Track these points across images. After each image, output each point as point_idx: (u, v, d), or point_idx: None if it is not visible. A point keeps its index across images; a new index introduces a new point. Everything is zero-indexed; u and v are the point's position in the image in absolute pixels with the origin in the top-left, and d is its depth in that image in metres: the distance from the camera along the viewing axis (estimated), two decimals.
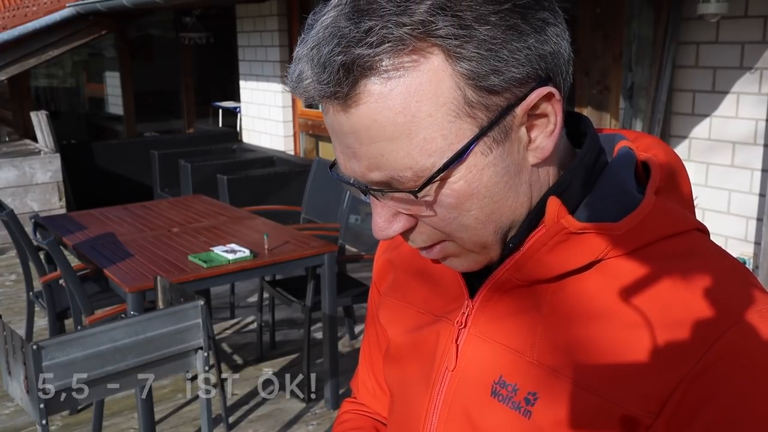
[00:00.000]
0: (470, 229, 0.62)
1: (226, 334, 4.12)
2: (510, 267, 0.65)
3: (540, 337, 0.63)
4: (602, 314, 0.61)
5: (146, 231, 3.42)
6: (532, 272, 0.64)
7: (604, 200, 0.64)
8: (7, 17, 6.95)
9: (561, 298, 0.63)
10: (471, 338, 0.69)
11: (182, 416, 3.23)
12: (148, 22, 9.78)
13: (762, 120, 3.51)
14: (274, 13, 6.37)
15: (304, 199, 4.28)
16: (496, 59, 0.56)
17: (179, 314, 2.20)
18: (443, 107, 0.57)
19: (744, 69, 3.55)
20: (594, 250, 0.62)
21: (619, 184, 0.65)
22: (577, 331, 0.61)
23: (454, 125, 0.57)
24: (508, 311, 0.66)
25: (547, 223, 0.62)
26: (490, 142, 0.59)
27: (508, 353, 0.65)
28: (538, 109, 0.60)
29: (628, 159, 0.67)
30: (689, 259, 0.62)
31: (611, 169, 0.66)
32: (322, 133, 6.36)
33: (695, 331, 0.57)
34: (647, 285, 0.60)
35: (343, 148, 0.61)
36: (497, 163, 0.60)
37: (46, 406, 1.94)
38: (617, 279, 0.61)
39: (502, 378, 0.65)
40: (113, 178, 6.92)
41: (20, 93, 7.98)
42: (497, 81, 0.57)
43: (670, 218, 0.63)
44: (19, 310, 4.44)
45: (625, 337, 0.59)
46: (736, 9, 3.49)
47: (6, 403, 3.35)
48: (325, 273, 3.10)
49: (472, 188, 0.60)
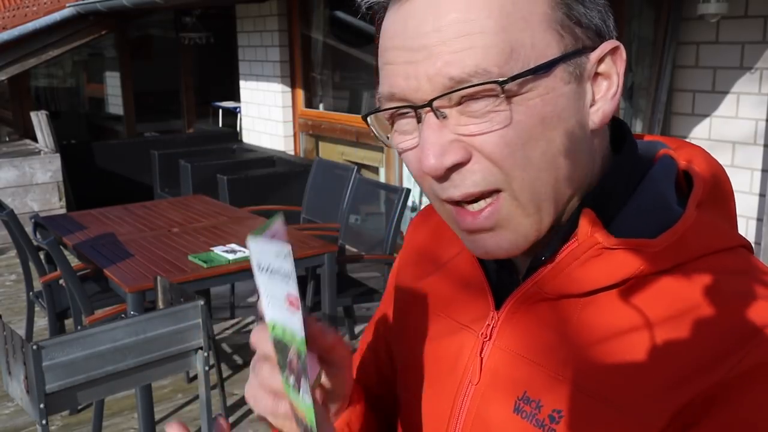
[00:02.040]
0: (533, 168, 0.58)
1: (226, 334, 4.12)
2: (540, 279, 0.63)
3: (567, 353, 0.61)
4: (633, 332, 0.58)
5: (146, 231, 3.42)
6: (562, 286, 0.62)
7: (641, 213, 0.61)
8: (7, 17, 6.95)
9: (591, 313, 0.60)
10: (495, 351, 0.66)
11: (182, 416, 3.23)
12: (148, 22, 9.78)
13: (762, 120, 3.51)
14: (274, 13, 6.37)
15: (304, 199, 4.28)
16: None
17: (179, 314, 2.20)
18: (537, 16, 0.56)
19: (744, 69, 3.55)
20: (628, 267, 0.59)
21: (659, 196, 0.62)
22: (606, 348, 0.59)
23: (544, 37, 0.57)
24: (536, 325, 0.63)
25: (580, 236, 0.60)
26: (570, 72, 0.58)
27: (533, 368, 0.63)
28: (603, 64, 0.60)
29: (669, 169, 0.64)
30: (733, 276, 0.58)
31: (651, 179, 0.63)
32: (322, 133, 6.36)
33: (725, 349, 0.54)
34: (683, 303, 0.57)
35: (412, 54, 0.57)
36: (572, 98, 0.58)
37: (46, 406, 1.94)
38: (652, 297, 0.58)
39: (526, 393, 0.62)
40: (113, 178, 6.91)
41: (20, 93, 7.98)
42: (583, 13, 0.58)
43: (712, 234, 0.60)
44: (19, 310, 4.44)
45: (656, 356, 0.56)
46: (736, 9, 3.49)
47: (6, 403, 3.35)
48: (325, 273, 3.10)
49: (547, 111, 0.57)
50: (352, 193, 3.87)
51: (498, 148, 0.57)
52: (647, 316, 0.58)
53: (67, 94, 10.85)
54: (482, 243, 0.62)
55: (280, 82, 6.50)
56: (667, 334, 0.56)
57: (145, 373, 2.16)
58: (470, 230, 0.61)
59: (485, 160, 0.58)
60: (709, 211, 0.62)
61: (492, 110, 0.56)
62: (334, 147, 6.33)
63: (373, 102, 5.83)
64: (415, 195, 5.26)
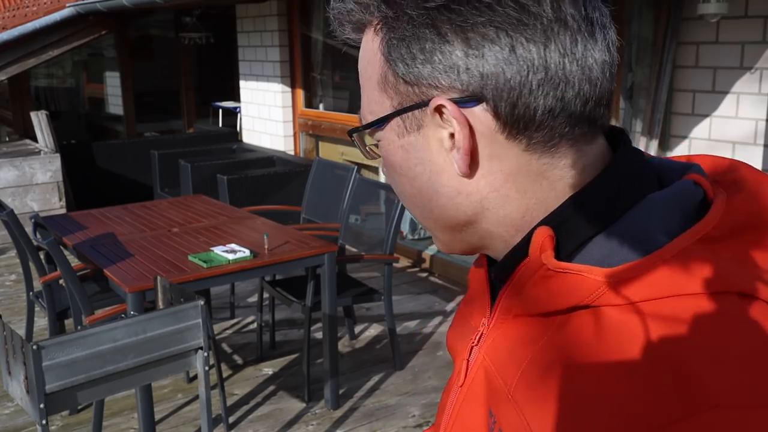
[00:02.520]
0: (404, 199, 0.66)
1: (226, 334, 4.12)
2: (507, 293, 0.62)
3: (521, 373, 0.57)
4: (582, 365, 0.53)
5: (146, 231, 3.42)
6: (525, 304, 0.60)
7: (612, 241, 0.56)
8: (7, 17, 6.95)
9: (558, 336, 0.56)
10: (479, 357, 0.65)
11: (182, 416, 3.23)
12: (148, 22, 9.78)
13: (762, 120, 3.51)
14: (274, 13, 6.37)
15: (304, 199, 4.28)
16: (407, 50, 0.58)
17: (179, 314, 2.20)
18: (375, 76, 0.62)
19: (744, 69, 3.55)
20: (577, 293, 0.54)
21: (642, 226, 0.55)
22: (553, 375, 0.54)
23: (380, 96, 0.62)
24: (512, 338, 0.62)
25: (530, 254, 0.58)
26: (402, 127, 0.61)
27: (498, 383, 0.61)
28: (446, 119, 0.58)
29: (682, 196, 0.57)
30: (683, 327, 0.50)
31: (645, 205, 0.56)
32: (322, 133, 6.36)
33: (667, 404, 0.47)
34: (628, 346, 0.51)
35: None
36: (410, 150, 0.62)
37: (46, 406, 1.95)
38: (603, 331, 0.53)
39: (490, 409, 0.61)
40: (113, 178, 6.92)
41: (20, 93, 7.98)
42: (404, 71, 0.59)
43: (695, 272, 0.52)
44: (19, 310, 4.44)
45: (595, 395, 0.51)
46: (736, 9, 3.49)
47: (6, 403, 3.35)
48: (325, 273, 3.10)
49: (391, 160, 0.64)
50: (352, 193, 3.87)
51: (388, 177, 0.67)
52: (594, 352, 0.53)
53: (67, 94, 10.85)
54: None
55: (280, 82, 6.50)
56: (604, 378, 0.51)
57: (145, 373, 2.16)
58: None
59: None
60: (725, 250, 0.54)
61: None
62: (334, 147, 6.33)
63: None
64: None
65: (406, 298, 4.59)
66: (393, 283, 3.82)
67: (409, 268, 5.19)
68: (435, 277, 5.01)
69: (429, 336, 4.03)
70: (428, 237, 5.37)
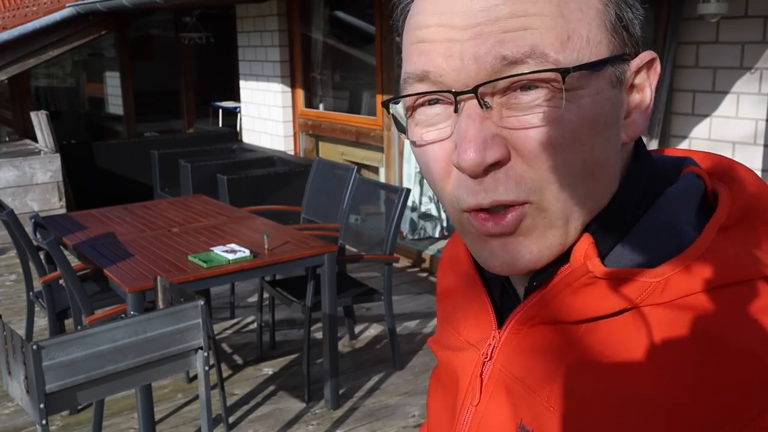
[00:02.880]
0: (571, 175, 0.53)
1: (226, 334, 4.12)
2: (534, 303, 0.59)
3: (560, 382, 0.56)
4: (628, 367, 0.53)
5: (146, 231, 3.42)
6: (556, 312, 0.57)
7: (646, 239, 0.55)
8: (7, 17, 6.95)
9: (590, 342, 0.55)
10: (495, 373, 0.62)
11: (182, 416, 3.23)
12: (148, 22, 9.78)
13: (762, 120, 3.51)
14: (274, 13, 6.38)
15: (304, 199, 4.28)
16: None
17: (179, 314, 2.20)
18: (592, 10, 0.53)
19: (744, 69, 3.55)
20: (622, 298, 0.54)
21: (670, 221, 0.56)
22: (598, 380, 0.54)
23: (598, 33, 0.53)
24: (533, 349, 0.59)
25: (572, 263, 0.55)
26: (616, 77, 0.54)
27: (528, 395, 0.58)
28: (639, 76, 0.56)
29: (692, 190, 0.58)
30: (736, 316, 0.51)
31: (666, 200, 0.57)
32: (322, 133, 6.36)
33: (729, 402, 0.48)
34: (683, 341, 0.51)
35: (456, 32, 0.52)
36: (614, 105, 0.54)
37: (46, 406, 1.95)
38: (652, 331, 0.53)
39: (522, 423, 0.58)
40: (113, 178, 6.92)
41: (20, 93, 7.98)
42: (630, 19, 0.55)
43: (725, 265, 0.53)
44: (19, 310, 4.44)
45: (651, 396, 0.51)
46: (736, 9, 3.49)
47: (6, 403, 3.35)
48: (325, 273, 3.10)
49: (595, 114, 0.52)
50: (352, 193, 3.87)
51: (540, 147, 0.52)
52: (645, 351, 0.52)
53: (67, 94, 10.85)
54: (500, 251, 0.56)
55: (280, 82, 6.50)
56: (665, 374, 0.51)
57: (145, 373, 2.16)
58: (490, 234, 0.55)
59: (521, 163, 0.53)
60: (739, 237, 0.55)
61: (541, 104, 0.51)
62: (334, 147, 6.33)
63: (372, 102, 5.83)
64: (415, 195, 5.27)
65: (406, 298, 4.59)
66: (393, 283, 3.82)
67: (409, 268, 5.19)
68: (435, 277, 5.01)
69: (429, 336, 4.02)
70: (428, 237, 5.37)
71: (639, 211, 0.57)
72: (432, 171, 0.57)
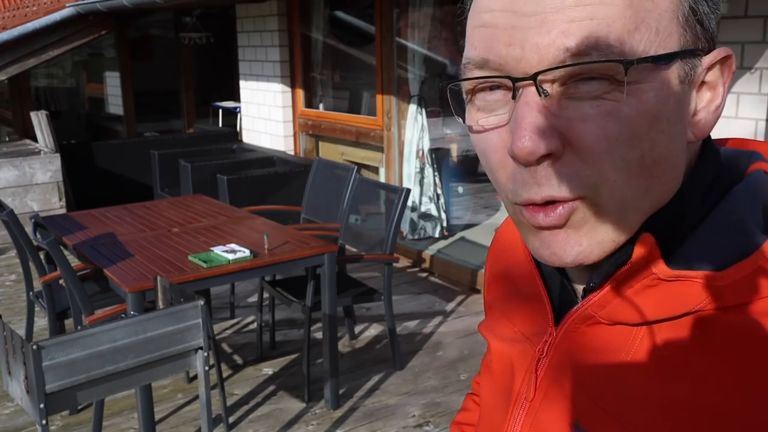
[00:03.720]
0: (627, 171, 0.51)
1: (226, 334, 4.12)
2: (594, 303, 0.58)
3: (618, 386, 0.55)
4: (692, 373, 0.52)
5: (146, 231, 3.42)
6: (616, 313, 0.56)
7: (712, 241, 0.54)
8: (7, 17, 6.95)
9: (650, 345, 0.54)
10: (550, 370, 0.62)
11: (182, 416, 3.23)
12: (148, 22, 9.79)
13: (762, 120, 3.51)
14: (274, 13, 6.38)
15: (304, 199, 4.28)
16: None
17: (179, 314, 2.20)
18: (666, 1, 0.51)
19: (744, 69, 3.55)
20: (688, 301, 0.52)
21: (737, 221, 0.53)
22: (660, 386, 0.53)
23: (669, 25, 0.51)
24: (591, 349, 0.58)
25: (634, 263, 0.54)
26: (685, 72, 0.53)
27: (584, 396, 0.58)
28: (712, 73, 0.54)
29: (760, 188, 0.55)
30: None
31: (733, 199, 0.55)
32: (322, 133, 6.36)
33: None
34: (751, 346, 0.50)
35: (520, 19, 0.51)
36: (681, 101, 0.53)
37: (46, 406, 1.95)
38: (717, 335, 0.51)
39: (578, 423, 0.58)
40: (113, 178, 6.92)
41: (20, 93, 7.98)
42: (705, 13, 0.53)
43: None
44: (19, 310, 4.44)
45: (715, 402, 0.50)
46: (736, 9, 3.49)
47: (6, 403, 3.35)
48: (325, 273, 3.10)
49: (658, 109, 0.51)
50: (352, 193, 3.87)
51: (597, 141, 0.50)
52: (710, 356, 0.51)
53: (67, 94, 10.85)
54: (550, 242, 0.55)
55: (280, 82, 6.50)
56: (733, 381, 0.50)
57: (145, 373, 2.16)
58: (540, 226, 0.54)
59: (576, 159, 0.51)
60: None
61: (601, 96, 0.50)
62: (334, 147, 6.33)
63: (372, 102, 5.83)
64: (415, 195, 5.27)
65: (406, 298, 4.59)
66: (393, 283, 3.82)
67: (409, 268, 5.19)
68: (435, 277, 5.01)
69: (429, 336, 4.03)
70: (428, 237, 5.37)
71: (704, 210, 0.55)
72: (489, 160, 0.55)
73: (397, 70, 5.42)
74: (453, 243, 5.31)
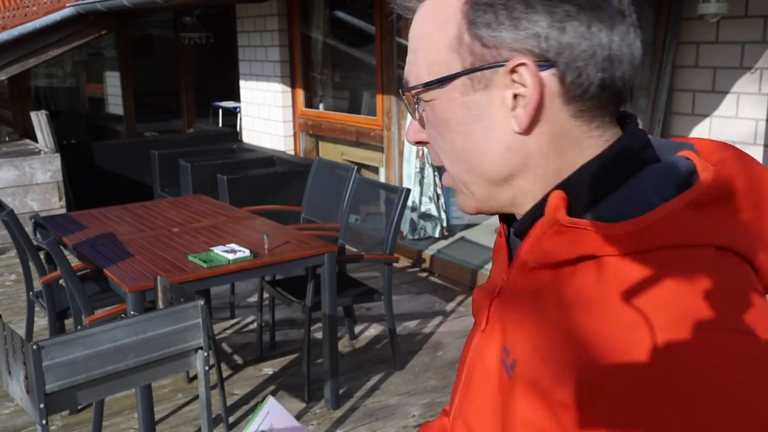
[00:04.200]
0: (449, 158, 0.72)
1: (226, 334, 4.12)
2: (524, 249, 0.70)
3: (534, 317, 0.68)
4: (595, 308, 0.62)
5: (146, 231, 3.42)
6: (538, 257, 0.68)
7: (615, 203, 0.66)
8: (7, 17, 6.95)
9: (567, 285, 0.66)
10: (497, 306, 0.75)
11: (182, 416, 3.23)
12: (148, 22, 9.78)
13: (762, 120, 3.51)
14: (274, 13, 6.38)
15: (304, 199, 4.28)
16: (494, 17, 0.65)
17: (179, 314, 2.20)
18: (446, 38, 0.68)
19: (744, 69, 3.55)
20: (584, 245, 0.64)
21: (639, 191, 0.65)
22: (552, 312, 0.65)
23: (450, 56, 0.68)
24: (526, 288, 0.71)
25: (546, 213, 0.66)
26: (469, 86, 0.68)
27: (513, 324, 0.71)
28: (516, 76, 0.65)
29: (675, 169, 0.67)
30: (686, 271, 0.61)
31: (642, 174, 0.67)
32: (322, 133, 6.36)
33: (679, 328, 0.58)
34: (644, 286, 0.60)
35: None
36: (471, 107, 0.68)
37: (46, 406, 1.95)
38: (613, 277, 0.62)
39: (506, 347, 0.71)
40: (113, 178, 6.92)
41: (20, 93, 7.98)
42: (487, 34, 0.65)
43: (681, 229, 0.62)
44: (19, 310, 4.44)
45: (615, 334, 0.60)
46: (736, 9, 3.50)
47: (6, 403, 3.35)
48: (325, 273, 3.10)
49: (446, 117, 0.70)
50: (352, 193, 3.87)
51: (429, 138, 0.74)
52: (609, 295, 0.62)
53: (67, 94, 10.86)
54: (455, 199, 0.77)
55: (280, 82, 6.50)
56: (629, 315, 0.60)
57: (145, 373, 2.16)
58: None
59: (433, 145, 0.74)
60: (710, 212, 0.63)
61: (422, 110, 0.73)
62: (334, 147, 6.33)
63: (372, 102, 5.84)
64: (415, 195, 5.27)
65: (406, 298, 4.59)
66: (393, 283, 3.82)
67: (409, 268, 5.19)
68: (435, 277, 5.01)
69: (429, 336, 4.03)
70: (428, 237, 5.37)
71: (614, 184, 0.67)
72: None
73: (397, 70, 5.42)
74: (453, 243, 5.31)
